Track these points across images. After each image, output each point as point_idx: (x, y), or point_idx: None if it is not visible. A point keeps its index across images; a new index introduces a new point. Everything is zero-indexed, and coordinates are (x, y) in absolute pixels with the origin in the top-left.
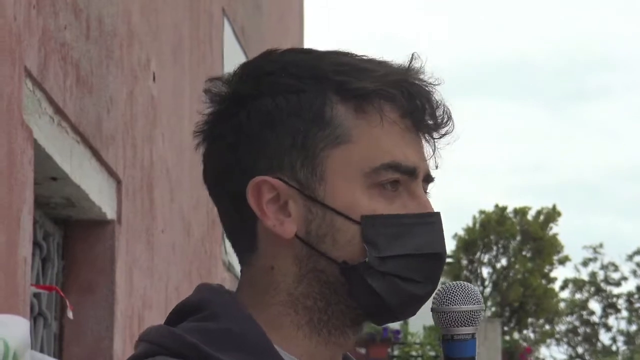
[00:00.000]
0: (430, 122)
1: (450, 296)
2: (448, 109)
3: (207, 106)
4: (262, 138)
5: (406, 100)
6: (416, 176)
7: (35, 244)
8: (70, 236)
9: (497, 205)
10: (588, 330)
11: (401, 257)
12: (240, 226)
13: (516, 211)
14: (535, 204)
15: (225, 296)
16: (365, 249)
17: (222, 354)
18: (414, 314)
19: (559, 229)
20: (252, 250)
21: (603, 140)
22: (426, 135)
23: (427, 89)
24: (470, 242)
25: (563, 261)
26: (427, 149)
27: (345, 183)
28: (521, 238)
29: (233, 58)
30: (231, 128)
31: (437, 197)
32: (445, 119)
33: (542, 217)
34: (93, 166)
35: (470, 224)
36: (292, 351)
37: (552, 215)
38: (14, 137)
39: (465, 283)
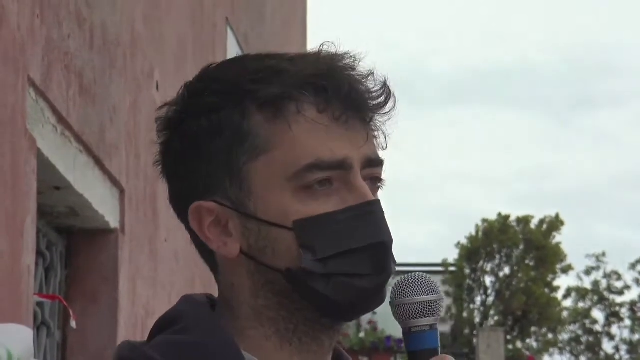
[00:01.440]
0: (356, 106)
1: (405, 288)
2: (383, 83)
3: (159, 135)
4: (193, 162)
5: (320, 94)
6: (349, 167)
7: (39, 253)
8: (74, 245)
9: (500, 214)
10: (591, 339)
11: (342, 255)
12: (201, 248)
13: (519, 220)
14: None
15: (201, 309)
16: (302, 254)
17: None
18: (380, 304)
19: (562, 238)
20: (215, 269)
21: (607, 149)
22: (357, 118)
23: (344, 75)
24: (473, 251)
25: (566, 270)
26: (369, 131)
27: (273, 192)
28: (524, 247)
29: None
30: (169, 156)
31: (440, 205)
32: (380, 95)
33: (545, 226)
34: (96, 175)
35: (473, 232)
36: None
37: (555, 224)
38: (17, 146)
39: (420, 273)
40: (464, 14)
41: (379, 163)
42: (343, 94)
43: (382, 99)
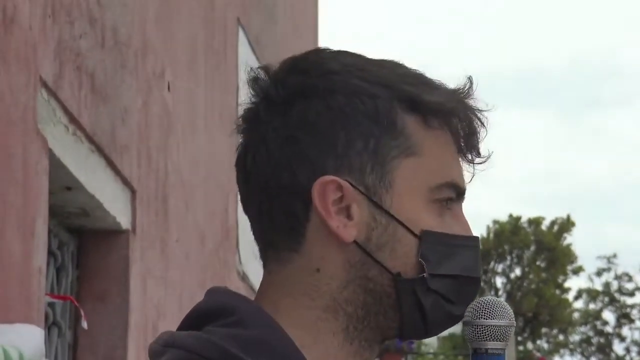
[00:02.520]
0: (477, 146)
1: (485, 310)
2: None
3: (251, 96)
4: (333, 136)
5: (463, 122)
6: (463, 199)
7: (50, 254)
8: (85, 245)
9: (511, 215)
10: (602, 340)
11: (448, 277)
12: (285, 223)
13: (530, 221)
14: (549, 214)
15: (246, 301)
16: (421, 264)
17: None
18: (441, 332)
19: (572, 239)
20: (295, 250)
21: (617, 150)
22: (470, 158)
23: (479, 114)
24: (484, 252)
25: (577, 271)
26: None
27: (411, 195)
28: (535, 248)
29: (247, 68)
30: (292, 120)
31: None
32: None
33: (556, 227)
34: (108, 175)
35: (484, 233)
36: (323, 358)
37: (566, 225)
38: (29, 146)
39: (498, 299)
40: (473, 16)
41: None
42: (476, 131)
43: (485, 151)
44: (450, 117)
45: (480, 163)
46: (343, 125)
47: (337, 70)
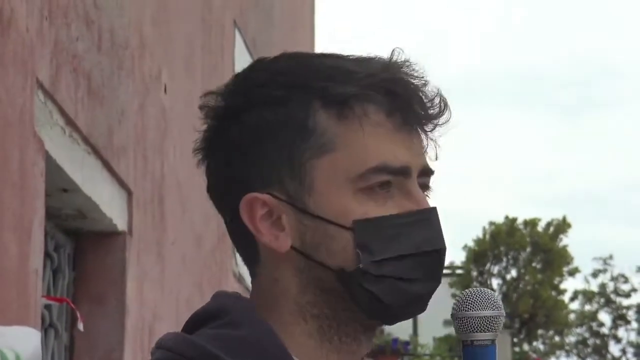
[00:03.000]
0: (421, 114)
1: (470, 302)
2: (442, 97)
3: (203, 122)
4: (252, 152)
5: (389, 99)
6: (409, 174)
7: (47, 256)
8: (81, 248)
9: (507, 217)
10: (598, 341)
11: (398, 258)
12: (242, 240)
13: (526, 222)
14: (544, 215)
15: (243, 303)
16: (359, 255)
17: None
18: (421, 311)
19: (569, 241)
20: (256, 262)
21: (613, 151)
22: (418, 127)
23: (411, 82)
24: (480, 254)
25: (573, 273)
26: (424, 141)
27: (334, 191)
28: (531, 249)
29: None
30: (225, 143)
31: (447, 208)
32: (437, 109)
33: (552, 229)
34: (104, 177)
35: (480, 235)
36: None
37: (562, 226)
38: (25, 148)
39: (485, 289)
40: (469, 16)
41: (431, 173)
42: (410, 101)
43: (440, 110)
44: (369, 101)
45: (433, 129)
46: (259, 140)
47: (259, 82)
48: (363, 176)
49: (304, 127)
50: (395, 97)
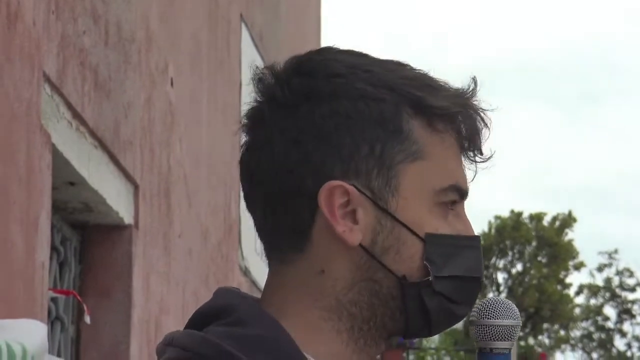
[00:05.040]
0: (480, 146)
1: (491, 310)
2: (489, 129)
3: (256, 96)
4: (338, 141)
5: (466, 124)
6: (465, 199)
7: (53, 249)
8: (88, 241)
9: (512, 211)
10: (603, 336)
11: (452, 279)
12: (290, 225)
13: (532, 217)
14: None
15: (248, 301)
16: (426, 267)
17: None
18: (441, 331)
19: (574, 235)
20: (300, 251)
21: (618, 143)
22: (472, 157)
23: (483, 115)
24: (486, 248)
25: (578, 267)
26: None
27: (416, 199)
28: (537, 244)
29: (251, 63)
30: (298, 123)
31: None
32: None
33: (557, 223)
34: (111, 171)
35: (486, 229)
36: (324, 357)
37: (567, 220)
38: (32, 141)
39: (504, 299)
40: (470, 10)
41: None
42: (480, 131)
43: (489, 150)
44: (455, 120)
45: (483, 162)
46: (349, 130)
47: (341, 72)
48: (444, 191)
49: (399, 129)
50: (471, 124)
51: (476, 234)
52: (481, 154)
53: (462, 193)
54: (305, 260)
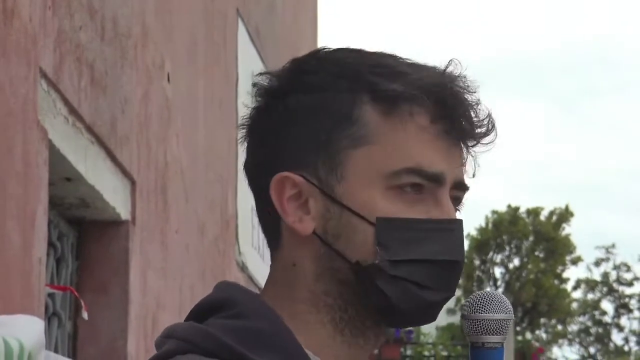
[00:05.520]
0: (465, 128)
1: (482, 304)
2: (488, 114)
3: (253, 100)
4: (288, 134)
5: (438, 106)
6: (442, 183)
7: (50, 245)
8: (85, 236)
9: (509, 206)
10: (600, 330)
11: (415, 262)
12: (268, 221)
13: (529, 211)
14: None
15: (249, 294)
16: (378, 251)
17: (255, 354)
18: (432, 320)
19: (571, 229)
20: (278, 246)
21: (615, 139)
22: (461, 141)
23: (461, 94)
24: (483, 242)
25: (575, 261)
26: (465, 155)
27: (364, 184)
28: (534, 238)
29: (247, 59)
30: (264, 123)
31: None
32: (483, 126)
33: (554, 218)
34: (107, 167)
35: (483, 224)
36: (318, 351)
37: (564, 215)
38: (29, 137)
39: (496, 292)
40: (467, 6)
41: (465, 188)
42: (458, 113)
43: (486, 129)
44: (417, 103)
45: (474, 146)
46: (296, 123)
47: (307, 69)
48: (396, 174)
49: (347, 117)
50: (443, 105)
51: (455, 218)
52: (466, 136)
53: (429, 176)
54: (281, 255)
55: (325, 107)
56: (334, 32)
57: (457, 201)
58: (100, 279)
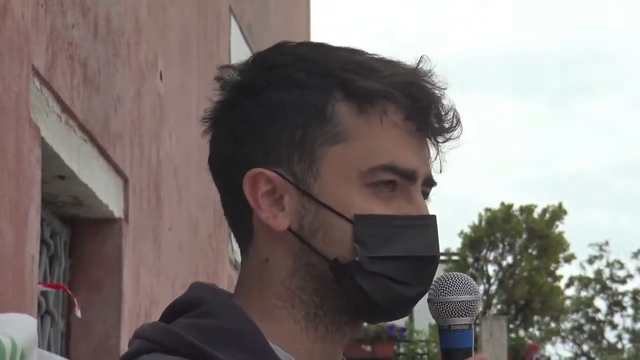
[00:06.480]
0: (435, 125)
1: (446, 287)
2: (456, 112)
3: (217, 93)
4: (262, 130)
5: (410, 102)
6: (414, 179)
7: (43, 243)
8: (78, 234)
9: (502, 203)
10: (594, 327)
11: (391, 259)
12: (238, 217)
13: (522, 209)
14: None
15: (219, 294)
16: (356, 248)
17: (218, 352)
18: (406, 314)
19: (565, 227)
20: (249, 241)
21: (608, 135)
22: (431, 138)
23: (433, 92)
24: (476, 240)
25: (569, 259)
26: (432, 151)
27: (341, 181)
28: (527, 236)
29: (240, 56)
30: (235, 117)
31: (444, 195)
32: (452, 123)
33: (548, 215)
34: (100, 165)
35: (476, 221)
36: (289, 346)
37: (558, 213)
38: (21, 135)
39: (460, 274)
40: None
41: (433, 184)
42: (430, 110)
43: (454, 125)
44: (394, 100)
45: (444, 142)
46: (271, 119)
47: (279, 64)
48: (372, 171)
49: (322, 114)
50: (416, 102)
51: (429, 213)
52: (435, 133)
53: (404, 173)
54: (253, 251)
55: (298, 103)
56: (326, 29)
57: (425, 196)
58: (93, 277)
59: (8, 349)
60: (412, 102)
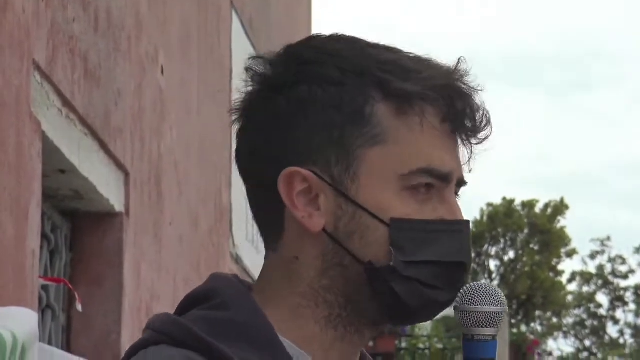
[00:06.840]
0: (470, 126)
1: (474, 296)
2: (486, 111)
3: (247, 84)
4: (293, 126)
5: (448, 105)
6: (449, 182)
7: (44, 237)
8: (78, 228)
9: (504, 198)
10: (595, 323)
11: (426, 264)
12: (268, 212)
13: (524, 204)
14: (542, 196)
15: (236, 286)
16: (392, 252)
17: (226, 345)
18: (431, 318)
19: (566, 222)
20: (278, 237)
21: (610, 131)
22: (464, 139)
23: (469, 94)
24: (478, 235)
25: (571, 254)
26: (463, 152)
27: (379, 183)
28: (529, 231)
29: (241, 50)
30: (266, 111)
31: None
32: (483, 123)
33: (550, 210)
34: (101, 159)
35: (478, 216)
36: (306, 344)
37: (560, 208)
38: (22, 129)
39: (488, 283)
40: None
41: (464, 184)
42: (466, 113)
43: (485, 125)
44: (432, 103)
45: (478, 143)
46: (306, 116)
47: (310, 59)
48: (411, 174)
49: (360, 114)
50: (453, 104)
51: (464, 218)
52: (469, 133)
53: (439, 176)
54: (282, 247)
55: (335, 101)
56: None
57: (455, 196)
58: (94, 271)
59: (9, 343)
60: (449, 104)
